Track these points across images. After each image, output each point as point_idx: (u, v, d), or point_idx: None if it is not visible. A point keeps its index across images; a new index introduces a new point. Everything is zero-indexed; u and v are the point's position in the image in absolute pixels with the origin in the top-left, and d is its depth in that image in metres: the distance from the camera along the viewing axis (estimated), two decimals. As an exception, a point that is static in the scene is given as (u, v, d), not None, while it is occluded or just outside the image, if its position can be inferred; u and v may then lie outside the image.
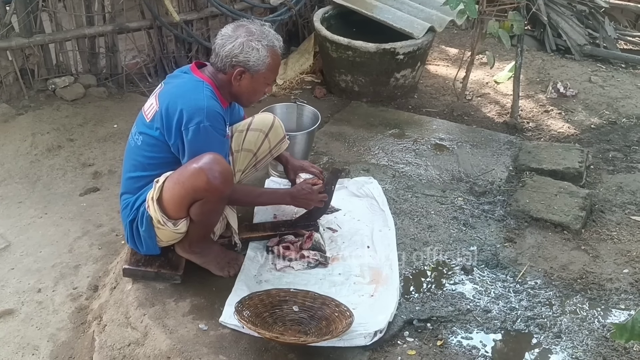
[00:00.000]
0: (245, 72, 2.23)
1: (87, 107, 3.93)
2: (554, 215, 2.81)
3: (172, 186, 2.13)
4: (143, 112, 2.30)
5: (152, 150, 2.24)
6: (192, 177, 2.09)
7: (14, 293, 2.55)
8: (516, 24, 3.57)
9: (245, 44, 2.20)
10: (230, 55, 2.20)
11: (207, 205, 2.17)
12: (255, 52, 2.21)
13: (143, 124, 2.26)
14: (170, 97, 2.21)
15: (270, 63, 2.25)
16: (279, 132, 2.63)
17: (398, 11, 4.07)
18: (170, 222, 2.18)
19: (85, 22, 4.00)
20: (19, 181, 3.28)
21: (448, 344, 2.18)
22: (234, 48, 2.19)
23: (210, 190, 2.10)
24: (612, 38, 4.98)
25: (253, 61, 2.21)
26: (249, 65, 2.22)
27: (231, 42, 2.20)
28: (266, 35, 2.24)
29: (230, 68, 2.22)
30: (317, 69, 4.44)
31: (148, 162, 2.26)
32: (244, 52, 2.20)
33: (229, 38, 2.21)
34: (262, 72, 2.25)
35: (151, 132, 2.22)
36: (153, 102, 2.26)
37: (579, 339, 2.21)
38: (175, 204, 2.15)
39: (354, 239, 2.64)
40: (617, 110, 4.05)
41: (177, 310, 2.25)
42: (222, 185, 2.12)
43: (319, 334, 2.11)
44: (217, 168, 2.09)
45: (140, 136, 2.26)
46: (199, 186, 2.09)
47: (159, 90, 2.30)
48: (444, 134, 3.58)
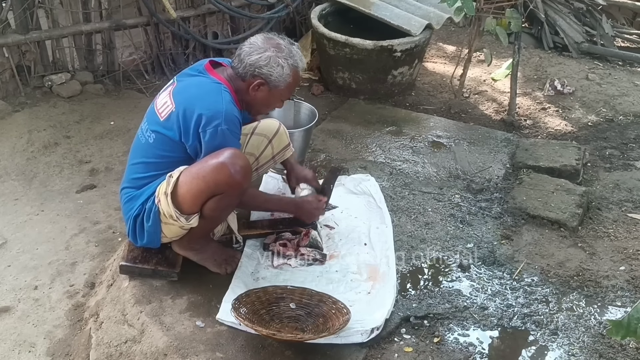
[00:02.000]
0: (264, 85, 2.25)
1: (84, 104, 3.91)
2: (550, 212, 2.81)
3: (190, 180, 2.12)
4: (156, 109, 2.27)
5: (166, 149, 2.23)
6: (215, 171, 2.10)
7: (10, 290, 2.55)
8: (513, 22, 3.57)
9: (272, 58, 2.21)
10: (255, 65, 2.22)
11: (224, 200, 2.17)
12: (279, 69, 2.22)
13: (156, 123, 2.24)
14: (188, 98, 2.19)
15: (291, 82, 2.28)
16: (283, 139, 2.64)
17: (395, 8, 4.06)
18: (183, 217, 2.17)
19: (82, 18, 3.98)
20: (15, 178, 3.27)
21: (445, 341, 2.18)
22: (260, 59, 2.21)
23: (232, 184, 2.11)
24: (609, 36, 4.99)
25: (275, 77, 2.23)
26: (270, 80, 2.23)
27: (259, 53, 2.21)
28: (293, 55, 2.26)
29: (250, 77, 2.24)
30: (314, 66, 4.43)
31: (160, 160, 2.25)
32: (269, 65, 2.21)
33: (258, 48, 2.22)
34: (280, 88, 2.27)
35: (166, 131, 2.20)
36: (167, 100, 2.24)
37: (575, 336, 2.22)
38: (192, 198, 2.14)
39: (351, 236, 2.64)
40: (614, 107, 4.06)
41: (174, 307, 2.25)
42: (243, 179, 2.14)
43: (316, 331, 2.11)
44: (239, 162, 2.11)
45: (152, 134, 2.24)
46: (221, 180, 2.10)
47: (172, 88, 2.27)
48: (441, 131, 3.58)
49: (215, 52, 4.38)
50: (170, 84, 2.32)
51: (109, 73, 4.18)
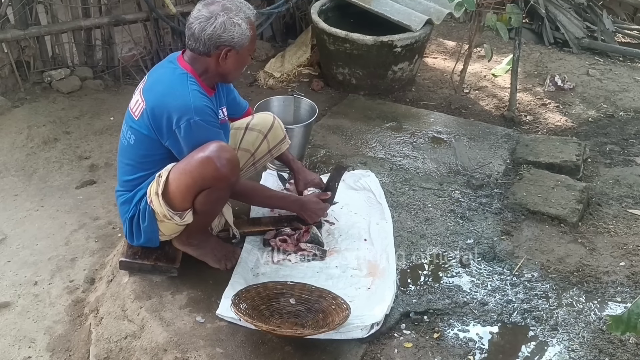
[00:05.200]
0: (231, 50, 2.17)
1: (84, 100, 3.91)
2: (551, 208, 2.81)
3: (178, 177, 2.11)
4: (130, 109, 2.24)
5: (147, 148, 2.20)
6: (200, 165, 2.08)
7: (10, 286, 2.55)
8: (514, 17, 3.56)
9: (227, 22, 2.13)
10: (214, 37, 2.13)
11: (213, 194, 2.15)
12: (237, 28, 2.15)
13: (133, 122, 2.21)
14: (155, 95, 2.15)
15: (252, 34, 2.20)
16: (278, 133, 2.61)
17: (396, 4, 4.05)
18: (177, 216, 2.16)
19: (81, 14, 3.98)
20: (14, 174, 3.27)
21: (445, 337, 2.18)
22: (215, 29, 2.12)
23: (218, 177, 2.09)
24: (610, 31, 4.97)
25: (237, 38, 2.16)
26: (234, 42, 2.16)
27: (211, 24, 2.12)
28: (241, 7, 2.18)
29: (214, 50, 2.16)
30: (314, 62, 4.42)
31: (145, 160, 2.23)
32: (227, 30, 2.13)
33: (207, 20, 2.13)
34: (245, 45, 2.20)
35: (142, 130, 2.17)
36: (138, 98, 2.20)
37: (575, 332, 2.22)
38: (182, 194, 2.12)
39: (351, 232, 2.63)
40: (614, 103, 4.05)
41: (174, 303, 2.25)
42: (230, 172, 2.12)
43: (315, 326, 2.11)
44: (224, 155, 2.09)
45: (132, 135, 2.21)
46: (207, 174, 2.08)
47: (142, 85, 2.24)
48: (441, 127, 3.57)
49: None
50: (142, 80, 2.27)
51: (109, 69, 4.17)
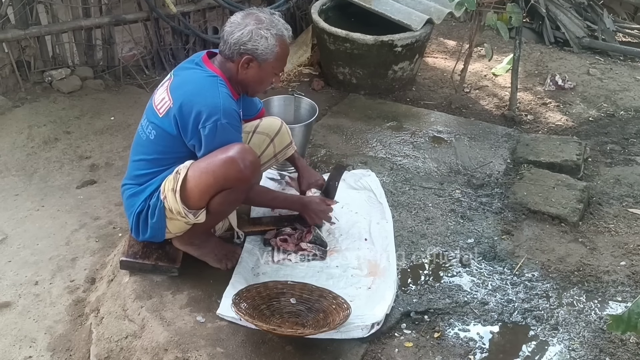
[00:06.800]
0: (253, 61, 2.20)
1: (84, 100, 3.91)
2: (551, 207, 2.81)
3: (198, 175, 2.11)
4: (154, 105, 2.25)
5: (167, 145, 2.21)
6: (224, 165, 2.08)
7: (11, 286, 2.55)
8: (514, 16, 3.56)
9: (254, 32, 2.17)
10: (239, 43, 2.18)
11: (232, 194, 2.16)
12: (263, 41, 2.18)
13: (156, 119, 2.22)
14: (184, 94, 2.16)
15: (279, 52, 2.22)
16: (285, 138, 2.62)
17: (396, 3, 4.05)
18: (191, 214, 2.16)
19: (82, 13, 3.97)
20: (15, 174, 3.27)
21: (445, 336, 2.18)
22: (242, 36, 2.17)
23: (241, 178, 2.11)
24: (610, 30, 4.97)
25: (261, 50, 2.19)
26: (257, 54, 2.19)
27: (240, 30, 2.17)
28: (275, 24, 2.21)
29: (238, 56, 2.20)
30: (314, 61, 4.42)
31: (162, 156, 2.23)
32: (252, 40, 2.17)
33: (237, 25, 2.19)
34: (270, 61, 2.22)
35: (165, 127, 2.18)
36: (165, 96, 2.21)
37: (575, 331, 2.22)
38: (200, 193, 2.12)
39: (352, 231, 2.63)
40: (615, 102, 4.05)
41: (175, 302, 2.25)
42: (252, 174, 2.14)
43: (316, 326, 2.11)
44: (249, 157, 2.11)
45: (153, 130, 2.22)
46: (230, 175, 2.09)
47: (168, 83, 2.25)
48: (441, 126, 3.57)
49: (215, 47, 4.35)
50: (167, 78, 2.29)
51: (109, 68, 4.17)
